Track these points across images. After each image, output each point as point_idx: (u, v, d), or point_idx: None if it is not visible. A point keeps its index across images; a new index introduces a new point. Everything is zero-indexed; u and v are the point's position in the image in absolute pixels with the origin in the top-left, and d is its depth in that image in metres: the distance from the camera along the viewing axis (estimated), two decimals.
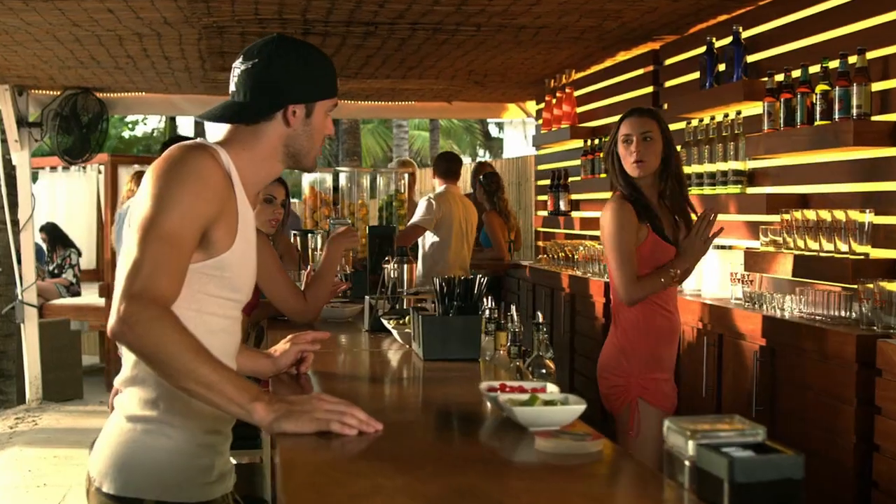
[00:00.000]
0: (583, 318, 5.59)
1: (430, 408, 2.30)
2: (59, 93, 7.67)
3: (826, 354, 3.27)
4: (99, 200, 9.84)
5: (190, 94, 8.08)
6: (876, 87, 3.59)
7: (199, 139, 2.06)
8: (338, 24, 5.24)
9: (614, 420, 3.46)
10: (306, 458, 1.68)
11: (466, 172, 9.72)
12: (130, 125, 27.67)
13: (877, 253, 3.57)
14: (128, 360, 1.99)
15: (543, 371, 2.68)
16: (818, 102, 3.73)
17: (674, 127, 3.61)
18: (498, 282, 7.05)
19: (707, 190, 4.66)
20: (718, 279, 4.27)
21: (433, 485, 1.55)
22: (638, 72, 5.88)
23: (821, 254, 3.67)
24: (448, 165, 6.59)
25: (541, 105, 7.54)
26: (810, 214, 3.75)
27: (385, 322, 3.34)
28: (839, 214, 3.60)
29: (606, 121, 6.29)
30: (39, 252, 9.12)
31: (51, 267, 9.62)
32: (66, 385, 7.86)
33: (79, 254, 9.72)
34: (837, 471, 3.20)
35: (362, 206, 7.16)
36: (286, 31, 5.21)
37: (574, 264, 6.03)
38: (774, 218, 4.03)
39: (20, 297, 7.50)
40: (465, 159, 21.26)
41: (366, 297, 3.68)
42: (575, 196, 6.79)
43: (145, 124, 28.46)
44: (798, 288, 3.64)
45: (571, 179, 6.85)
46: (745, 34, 4.53)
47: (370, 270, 4.50)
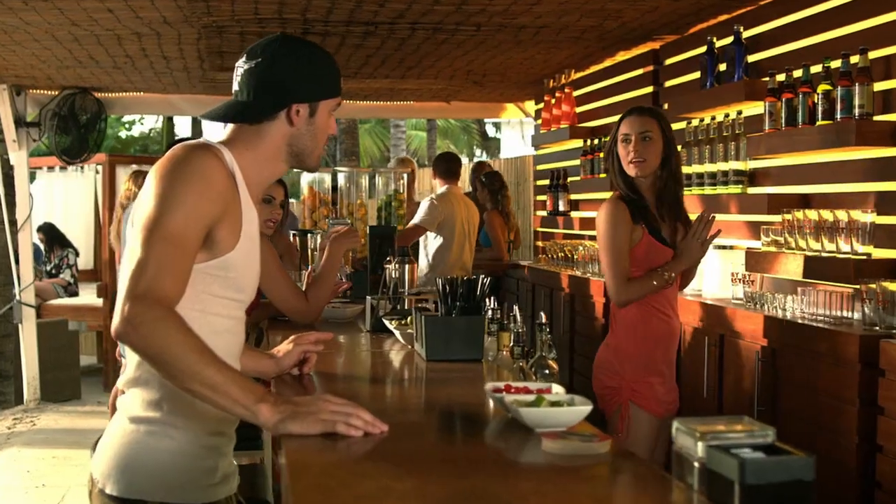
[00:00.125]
0: (582, 319, 5.58)
1: (435, 409, 2.29)
2: (57, 92, 7.66)
3: (828, 355, 3.27)
4: (96, 200, 9.82)
5: (188, 94, 8.08)
6: (878, 87, 3.58)
7: (203, 139, 2.05)
8: (338, 24, 5.23)
9: (606, 421, 3.45)
10: (313, 460, 1.67)
11: (465, 172, 9.70)
12: (127, 125, 27.62)
13: (879, 253, 3.56)
14: (131, 361, 1.98)
15: (546, 371, 2.68)
16: (820, 102, 3.73)
17: (674, 127, 3.60)
18: (497, 282, 7.03)
19: (708, 190, 4.65)
20: (719, 279, 4.26)
21: (441, 487, 1.54)
22: (638, 72, 5.88)
23: (823, 254, 3.66)
24: (448, 166, 6.59)
25: (540, 105, 7.53)
26: (812, 214, 3.74)
27: (387, 322, 3.32)
28: (841, 214, 3.59)
29: (606, 121, 6.28)
30: (37, 252, 9.09)
31: (48, 267, 9.59)
32: (64, 385, 7.84)
33: (76, 254, 9.70)
34: (840, 471, 3.19)
35: (361, 206, 7.14)
36: (286, 31, 5.20)
37: (573, 264, 6.02)
38: (776, 218, 4.02)
39: (18, 298, 7.48)
40: (463, 159, 21.22)
41: (367, 298, 3.67)
42: (574, 196, 6.78)
43: (142, 124, 28.42)
44: (800, 288, 3.63)
45: (571, 179, 6.84)
46: (746, 34, 4.52)
47: (371, 270, 4.49)
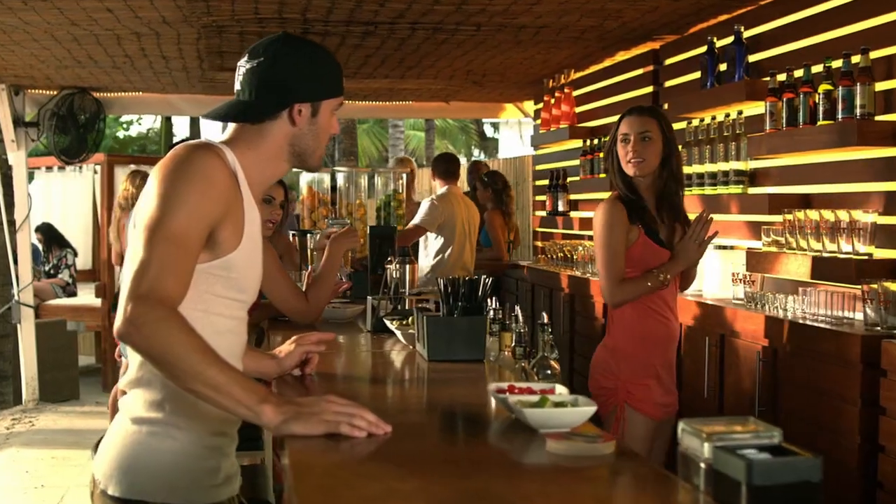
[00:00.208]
0: (582, 319, 5.57)
1: (437, 409, 2.29)
2: (56, 92, 7.65)
3: (830, 355, 3.26)
4: (95, 201, 9.81)
5: (187, 94, 8.07)
6: (879, 87, 3.58)
7: (205, 138, 2.04)
8: (337, 24, 5.22)
9: (601, 422, 3.44)
10: (316, 461, 1.66)
11: (462, 171, 9.69)
12: (125, 125, 27.57)
13: (881, 253, 3.55)
14: (133, 362, 1.97)
15: (548, 372, 2.67)
16: (821, 102, 3.72)
17: (674, 127, 3.59)
18: (496, 282, 7.02)
19: (708, 190, 4.64)
20: (719, 279, 4.25)
21: (446, 487, 1.53)
22: (637, 71, 5.87)
23: (824, 254, 3.65)
24: (447, 166, 6.59)
25: (539, 105, 7.53)
26: (813, 215, 3.73)
27: (388, 323, 3.32)
28: (843, 215, 3.58)
29: (605, 121, 6.27)
30: (35, 252, 9.07)
31: (47, 267, 9.57)
32: (63, 385, 7.83)
33: (75, 254, 9.68)
34: (842, 472, 3.18)
35: (360, 206, 7.13)
36: (286, 31, 5.18)
37: (573, 264, 6.02)
38: (777, 218, 4.02)
39: (17, 298, 7.47)
40: (462, 160, 21.20)
41: (368, 298, 3.66)
42: (574, 196, 6.77)
43: (139, 124, 28.39)
44: (801, 288, 3.63)
45: (570, 179, 6.83)
46: (747, 34, 4.51)
47: (371, 270, 4.48)
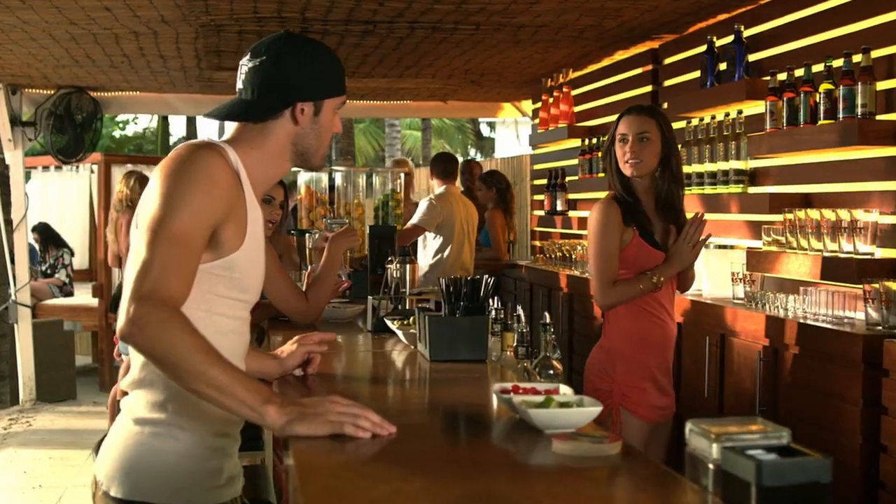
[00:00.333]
0: (581, 318, 5.57)
1: (440, 410, 2.28)
2: (53, 92, 7.63)
3: (831, 355, 3.26)
4: (91, 200, 9.79)
5: (185, 94, 8.05)
6: (881, 87, 3.57)
7: (208, 138, 2.03)
8: (337, 23, 5.21)
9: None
10: (321, 462, 1.65)
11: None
12: (121, 125, 27.51)
13: (882, 253, 3.55)
14: (136, 362, 1.96)
15: (551, 372, 2.66)
16: (822, 102, 3.72)
17: (674, 126, 3.58)
18: (496, 282, 7.01)
19: (708, 189, 4.64)
20: (719, 279, 4.25)
21: (452, 488, 1.52)
22: (637, 71, 5.86)
23: (825, 253, 3.65)
24: (444, 166, 6.60)
25: (537, 104, 7.52)
26: (814, 214, 3.73)
27: (389, 323, 3.30)
28: (843, 214, 3.58)
29: (604, 120, 6.27)
30: (32, 252, 9.06)
31: (43, 267, 9.55)
32: (60, 385, 7.81)
33: (71, 254, 9.66)
34: (843, 472, 3.17)
35: (358, 206, 7.12)
36: (287, 30, 5.17)
37: (571, 264, 6.01)
38: (777, 217, 4.02)
39: (13, 298, 7.45)
40: (459, 159, 21.21)
41: (369, 298, 3.65)
42: (572, 196, 6.77)
43: (136, 124, 28.32)
44: (802, 288, 3.62)
45: (568, 179, 6.83)
46: (747, 33, 4.51)
47: (370, 270, 4.47)
